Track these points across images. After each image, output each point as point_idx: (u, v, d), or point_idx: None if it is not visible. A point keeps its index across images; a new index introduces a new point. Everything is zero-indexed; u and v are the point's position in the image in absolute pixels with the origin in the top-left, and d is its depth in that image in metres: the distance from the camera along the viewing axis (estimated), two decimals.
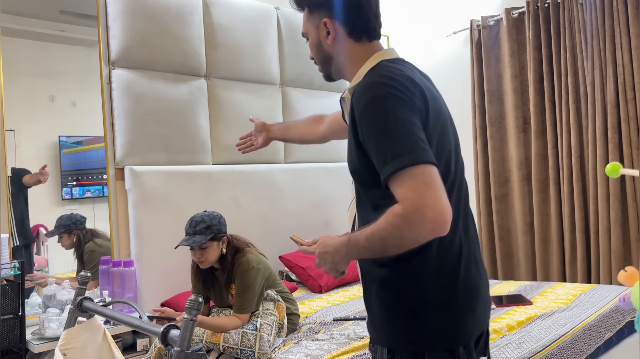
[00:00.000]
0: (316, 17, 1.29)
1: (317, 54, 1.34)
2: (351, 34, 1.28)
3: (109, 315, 1.51)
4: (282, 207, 3.56)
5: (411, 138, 1.08)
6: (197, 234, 2.31)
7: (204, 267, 2.39)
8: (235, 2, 3.45)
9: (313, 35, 1.32)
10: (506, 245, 4.17)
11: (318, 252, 1.25)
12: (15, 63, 2.65)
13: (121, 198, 2.93)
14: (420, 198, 1.04)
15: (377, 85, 1.14)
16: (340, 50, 1.29)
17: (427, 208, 1.03)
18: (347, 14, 1.26)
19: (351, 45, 1.29)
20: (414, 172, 1.05)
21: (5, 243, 2.43)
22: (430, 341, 1.18)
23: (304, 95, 3.83)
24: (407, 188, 1.05)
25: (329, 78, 1.40)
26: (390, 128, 1.09)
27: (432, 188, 1.04)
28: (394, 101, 1.11)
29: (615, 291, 2.85)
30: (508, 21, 4.04)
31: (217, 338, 2.25)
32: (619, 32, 3.50)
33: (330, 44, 1.29)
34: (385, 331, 1.22)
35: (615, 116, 3.54)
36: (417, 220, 1.04)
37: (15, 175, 2.66)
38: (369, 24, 1.29)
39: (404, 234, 1.06)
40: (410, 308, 1.19)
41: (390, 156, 1.07)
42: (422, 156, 1.06)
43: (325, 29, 1.28)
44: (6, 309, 2.30)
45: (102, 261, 2.80)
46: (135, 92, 2.94)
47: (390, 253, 1.12)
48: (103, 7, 2.89)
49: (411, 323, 1.18)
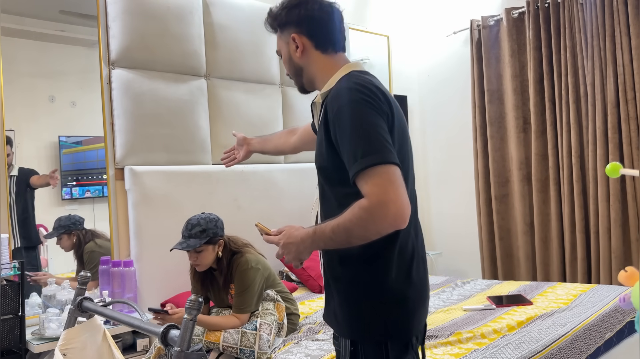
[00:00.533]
0: (286, 35, 1.43)
1: (289, 67, 1.47)
2: (317, 46, 1.40)
3: (109, 315, 1.50)
4: (282, 207, 3.56)
5: (379, 140, 1.20)
6: (192, 237, 2.30)
7: (200, 270, 2.40)
8: (235, 2, 3.45)
9: (285, 51, 1.45)
10: (506, 245, 4.17)
11: (282, 243, 1.35)
12: (15, 63, 2.65)
13: (121, 198, 2.93)
14: (384, 193, 1.16)
15: (352, 91, 1.26)
16: (308, 62, 1.42)
17: (390, 203, 1.15)
18: (311, 29, 1.39)
19: (319, 57, 1.41)
20: (380, 170, 1.17)
21: (5, 243, 2.43)
22: (391, 332, 1.29)
23: (304, 95, 3.81)
24: (373, 184, 1.17)
25: (302, 90, 1.52)
26: (361, 130, 1.21)
27: (395, 186, 1.17)
28: (366, 106, 1.23)
29: (615, 291, 2.85)
30: (508, 21, 4.04)
31: (216, 338, 2.25)
32: (619, 32, 3.50)
33: (300, 56, 1.42)
34: (348, 325, 1.32)
35: (615, 116, 3.54)
36: (381, 213, 1.16)
37: (23, 175, 2.66)
38: (332, 37, 1.41)
39: (368, 226, 1.18)
40: (372, 304, 1.30)
41: (360, 154, 1.19)
42: (388, 157, 1.19)
43: (294, 44, 1.41)
44: (6, 309, 2.30)
45: (102, 262, 2.80)
46: (135, 92, 2.94)
47: (354, 243, 1.23)
48: (103, 7, 2.89)
49: (373, 318, 1.29)
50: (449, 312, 2.71)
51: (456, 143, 4.61)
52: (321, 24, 1.40)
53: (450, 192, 4.69)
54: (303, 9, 1.39)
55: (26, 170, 2.68)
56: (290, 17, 1.40)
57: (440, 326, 2.44)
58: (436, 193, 4.79)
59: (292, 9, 1.40)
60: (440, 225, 4.78)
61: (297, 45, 1.40)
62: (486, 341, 2.23)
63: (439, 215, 4.78)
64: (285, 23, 1.42)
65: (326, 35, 1.40)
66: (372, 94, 1.26)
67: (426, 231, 4.81)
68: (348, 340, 1.31)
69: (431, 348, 2.19)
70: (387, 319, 1.29)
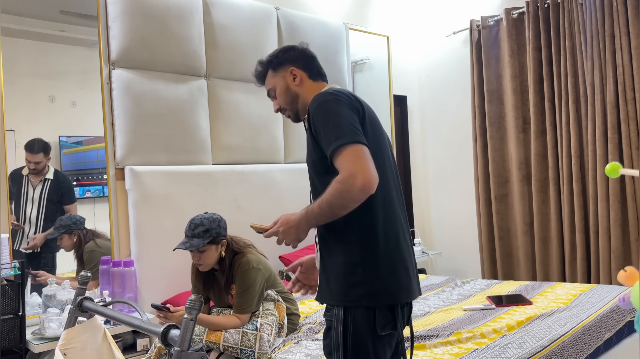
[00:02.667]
0: (282, 71, 1.71)
1: (285, 97, 1.72)
2: (311, 76, 1.71)
3: (109, 315, 1.51)
4: (282, 207, 3.56)
5: (348, 126, 1.45)
6: (195, 237, 2.30)
7: (203, 270, 2.39)
8: (235, 2, 3.45)
9: (281, 85, 1.71)
10: (506, 245, 4.17)
11: (282, 229, 1.53)
12: (15, 63, 2.65)
13: (121, 198, 2.93)
14: (353, 166, 1.39)
15: (324, 95, 1.54)
16: (303, 89, 1.70)
17: (358, 173, 1.38)
18: (306, 63, 1.72)
19: (311, 85, 1.70)
20: (350, 149, 1.41)
21: (6, 243, 2.43)
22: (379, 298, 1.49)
23: None
24: (344, 160, 1.41)
25: (296, 118, 1.74)
26: (334, 120, 1.47)
27: (362, 160, 1.40)
28: (336, 102, 1.50)
29: (615, 291, 2.86)
30: (508, 21, 4.04)
31: (217, 338, 2.25)
32: (619, 32, 3.50)
33: (298, 84, 1.70)
34: (342, 294, 1.50)
35: (615, 116, 3.55)
36: (351, 182, 1.38)
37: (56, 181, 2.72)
38: (320, 70, 1.74)
39: (343, 195, 1.40)
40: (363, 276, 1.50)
41: (333, 138, 1.43)
42: (356, 138, 1.43)
43: (292, 75, 1.70)
44: (6, 309, 2.30)
45: (102, 261, 2.80)
46: (135, 92, 2.94)
47: (338, 214, 1.45)
48: (103, 7, 2.89)
49: (365, 287, 1.49)
50: (449, 312, 2.71)
51: (456, 143, 4.61)
52: (312, 60, 1.73)
53: (449, 192, 4.69)
54: (298, 49, 1.73)
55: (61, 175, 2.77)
56: (287, 56, 1.72)
57: (440, 326, 2.45)
58: (436, 193, 4.80)
59: (287, 51, 1.73)
60: (439, 225, 4.78)
61: (295, 76, 1.69)
62: (486, 340, 2.23)
63: (438, 215, 4.78)
64: (283, 62, 1.71)
65: (316, 68, 1.73)
66: (342, 95, 1.53)
67: (426, 231, 4.81)
68: (341, 308, 1.50)
69: (431, 348, 2.19)
70: (376, 288, 1.49)
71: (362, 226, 1.51)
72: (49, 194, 2.72)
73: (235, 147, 3.40)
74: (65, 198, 2.78)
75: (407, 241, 1.59)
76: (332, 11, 4.25)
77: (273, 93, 1.76)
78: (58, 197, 2.75)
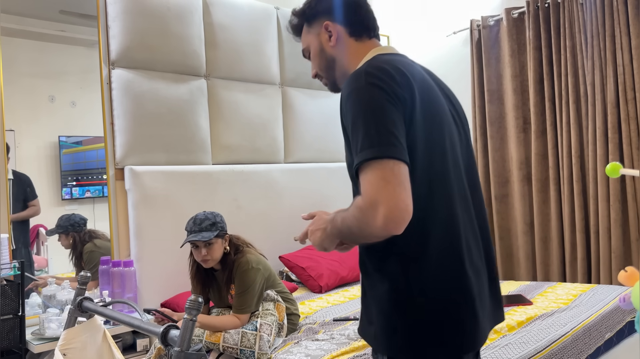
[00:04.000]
0: (316, 26, 1.34)
1: (320, 61, 1.36)
2: (352, 33, 1.31)
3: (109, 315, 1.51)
4: (282, 207, 3.56)
5: (381, 131, 1.06)
6: (203, 231, 2.30)
7: (208, 266, 2.38)
8: (235, 2, 3.45)
9: (315, 44, 1.35)
10: (506, 245, 4.16)
11: (311, 229, 1.23)
12: (15, 63, 2.65)
13: (121, 198, 2.93)
14: (376, 193, 1.03)
15: (360, 75, 1.13)
16: (342, 51, 1.31)
17: (380, 204, 1.02)
18: (346, 14, 1.31)
19: (352, 44, 1.31)
20: (376, 165, 1.04)
21: (5, 243, 2.43)
22: (429, 348, 1.14)
23: (304, 95, 3.83)
24: (367, 181, 1.05)
25: (334, 87, 1.38)
26: (364, 118, 1.08)
27: (390, 185, 1.02)
28: (372, 91, 1.10)
29: (615, 291, 2.85)
30: (508, 21, 4.04)
31: (217, 338, 2.25)
32: (619, 32, 3.50)
33: (333, 45, 1.32)
34: (386, 338, 1.17)
35: (615, 116, 3.54)
36: (370, 214, 1.03)
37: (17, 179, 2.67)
38: (367, 22, 1.32)
39: (361, 226, 1.06)
40: (407, 319, 1.14)
41: (359, 147, 1.07)
42: (387, 151, 1.05)
43: (327, 32, 1.32)
44: (6, 309, 2.30)
45: (102, 262, 2.80)
46: (135, 92, 2.94)
47: (358, 242, 1.15)
48: (103, 7, 2.89)
49: (411, 333, 1.14)
50: None
51: None
52: (355, 9, 1.32)
53: None
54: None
55: (20, 174, 2.69)
56: (322, 5, 1.33)
57: None
58: None
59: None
60: None
61: (331, 33, 1.31)
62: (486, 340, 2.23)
63: None
64: (316, 13, 1.34)
65: (360, 21, 1.31)
66: (386, 76, 1.12)
67: None
68: (385, 356, 1.17)
69: None
70: (411, 334, 1.14)
71: (407, 254, 1.14)
72: (15, 194, 2.66)
73: (235, 147, 3.40)
74: (29, 196, 2.73)
75: (477, 273, 1.19)
76: None
77: (307, 54, 1.40)
78: (23, 195, 2.70)
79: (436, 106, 1.19)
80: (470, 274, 1.16)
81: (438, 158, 1.16)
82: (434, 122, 1.17)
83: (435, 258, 1.13)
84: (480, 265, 1.22)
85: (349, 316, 2.65)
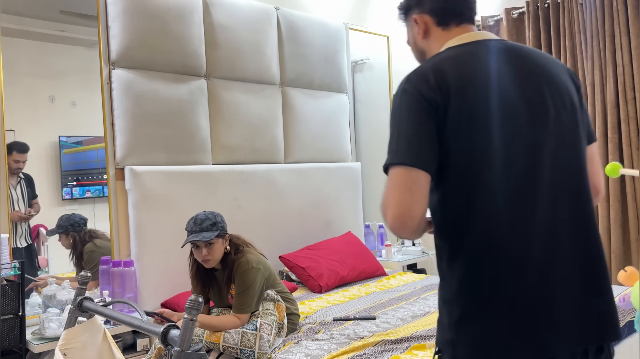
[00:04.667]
0: (409, 19, 1.32)
1: (415, 55, 1.34)
2: (439, 22, 1.25)
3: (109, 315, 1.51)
4: (282, 207, 3.57)
5: (401, 139, 1.10)
6: (204, 231, 2.30)
7: (209, 266, 2.38)
8: (235, 2, 3.45)
9: (410, 38, 1.33)
10: None
11: None
12: (15, 63, 2.65)
13: (121, 198, 2.93)
14: (385, 198, 1.10)
15: (402, 80, 1.15)
16: (430, 43, 1.27)
17: (388, 208, 1.08)
18: (431, 3, 1.26)
19: (439, 34, 1.26)
20: (392, 171, 1.10)
21: (6, 243, 2.43)
22: (476, 349, 1.11)
23: (304, 95, 3.83)
24: (386, 184, 1.11)
25: None
26: (391, 126, 1.13)
27: (397, 191, 1.07)
28: (403, 99, 1.12)
29: (615, 291, 2.85)
30: (508, 21, 4.04)
31: (217, 338, 2.25)
32: (619, 32, 3.50)
33: (422, 38, 1.29)
34: (450, 331, 1.13)
35: (615, 116, 3.55)
36: (384, 216, 1.10)
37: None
38: (454, 8, 1.24)
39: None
40: (459, 313, 1.12)
41: (387, 151, 1.13)
42: (401, 157, 1.08)
43: (417, 25, 1.29)
44: (6, 309, 2.30)
45: (102, 261, 2.80)
46: (135, 92, 2.94)
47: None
48: (103, 7, 2.89)
49: (470, 326, 1.11)
50: None
51: None
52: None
53: None
54: None
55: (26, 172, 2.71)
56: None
57: None
58: None
59: None
60: None
61: (419, 25, 1.27)
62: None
63: None
64: (409, 6, 1.30)
65: (445, 8, 1.23)
66: (420, 82, 1.11)
67: None
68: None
69: (431, 348, 2.19)
70: (472, 328, 1.10)
71: (449, 255, 1.14)
72: (28, 192, 2.71)
73: (235, 147, 3.40)
74: (34, 193, 2.76)
75: (539, 272, 1.09)
76: (332, 11, 4.25)
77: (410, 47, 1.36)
78: (31, 194, 2.73)
79: (484, 103, 1.11)
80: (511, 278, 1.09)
81: (464, 162, 1.10)
82: (477, 121, 1.10)
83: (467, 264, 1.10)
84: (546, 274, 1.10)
85: (349, 316, 2.65)
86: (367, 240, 4.16)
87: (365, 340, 2.28)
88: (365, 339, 2.29)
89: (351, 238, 3.76)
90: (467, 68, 1.13)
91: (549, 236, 1.10)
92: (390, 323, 2.56)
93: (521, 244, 1.09)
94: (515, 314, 1.07)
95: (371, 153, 4.41)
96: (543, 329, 1.07)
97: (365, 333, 2.39)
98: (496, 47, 1.18)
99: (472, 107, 1.10)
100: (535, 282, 1.08)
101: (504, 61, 1.16)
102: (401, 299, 3.02)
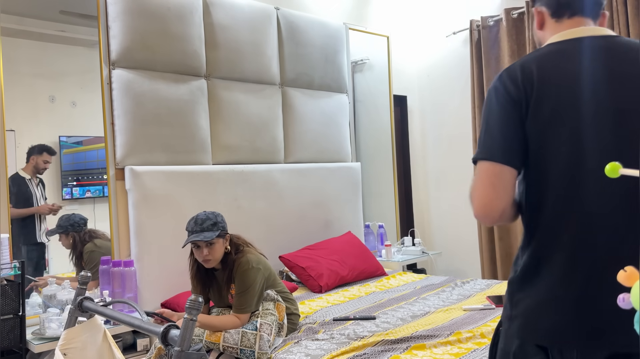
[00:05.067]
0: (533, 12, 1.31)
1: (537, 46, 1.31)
2: (553, 14, 1.23)
3: (109, 315, 1.51)
4: (282, 207, 3.57)
5: (486, 134, 1.17)
6: (205, 231, 2.30)
7: (210, 266, 2.38)
8: (235, 2, 3.45)
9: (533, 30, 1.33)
10: (506, 245, 4.17)
11: None
12: (15, 63, 2.65)
13: (121, 198, 2.93)
14: (471, 191, 1.18)
15: (496, 77, 1.20)
16: (544, 35, 1.26)
17: (474, 199, 1.17)
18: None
19: (552, 26, 1.24)
20: (478, 165, 1.17)
21: (6, 243, 2.43)
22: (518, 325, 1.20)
23: (304, 95, 3.83)
24: (473, 177, 1.19)
25: None
26: (482, 121, 1.20)
27: (481, 185, 1.15)
28: (492, 95, 1.18)
29: None
30: (508, 21, 4.04)
31: (217, 338, 2.25)
32: (619, 32, 3.50)
33: (538, 29, 1.29)
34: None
35: None
36: (471, 206, 1.18)
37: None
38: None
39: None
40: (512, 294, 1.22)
41: (477, 145, 1.20)
42: (482, 152, 1.16)
43: (536, 17, 1.29)
44: (6, 309, 2.30)
45: (103, 261, 2.80)
46: (135, 92, 2.94)
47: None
48: (103, 7, 2.90)
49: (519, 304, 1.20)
50: (449, 312, 2.71)
51: (456, 143, 4.61)
52: None
53: (450, 192, 4.69)
54: None
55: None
56: None
57: (440, 326, 2.45)
58: (436, 193, 4.80)
59: None
60: (440, 225, 4.78)
61: (537, 16, 1.27)
62: (486, 340, 2.23)
63: (438, 215, 4.78)
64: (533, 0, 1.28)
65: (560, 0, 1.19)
66: (508, 79, 1.15)
67: (426, 231, 4.81)
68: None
69: (431, 348, 2.19)
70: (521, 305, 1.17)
71: (522, 244, 1.22)
72: (43, 192, 2.76)
73: (235, 147, 3.40)
74: (45, 195, 2.79)
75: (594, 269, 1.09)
76: (332, 11, 4.25)
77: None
78: (44, 194, 2.77)
79: (565, 104, 1.11)
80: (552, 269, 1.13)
81: (551, 155, 1.12)
82: (554, 122, 1.11)
83: (528, 253, 1.18)
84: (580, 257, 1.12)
85: (349, 316, 2.65)
86: (367, 240, 4.16)
87: (365, 340, 2.28)
88: (365, 339, 2.29)
89: (351, 238, 3.76)
90: (555, 68, 1.13)
91: (616, 245, 1.09)
92: (390, 323, 2.56)
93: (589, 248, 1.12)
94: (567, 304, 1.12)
95: (371, 153, 4.41)
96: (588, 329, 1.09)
97: (365, 333, 2.40)
98: (596, 46, 1.14)
99: (552, 108, 1.11)
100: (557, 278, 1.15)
101: (600, 62, 1.12)
102: (401, 299, 3.02)
